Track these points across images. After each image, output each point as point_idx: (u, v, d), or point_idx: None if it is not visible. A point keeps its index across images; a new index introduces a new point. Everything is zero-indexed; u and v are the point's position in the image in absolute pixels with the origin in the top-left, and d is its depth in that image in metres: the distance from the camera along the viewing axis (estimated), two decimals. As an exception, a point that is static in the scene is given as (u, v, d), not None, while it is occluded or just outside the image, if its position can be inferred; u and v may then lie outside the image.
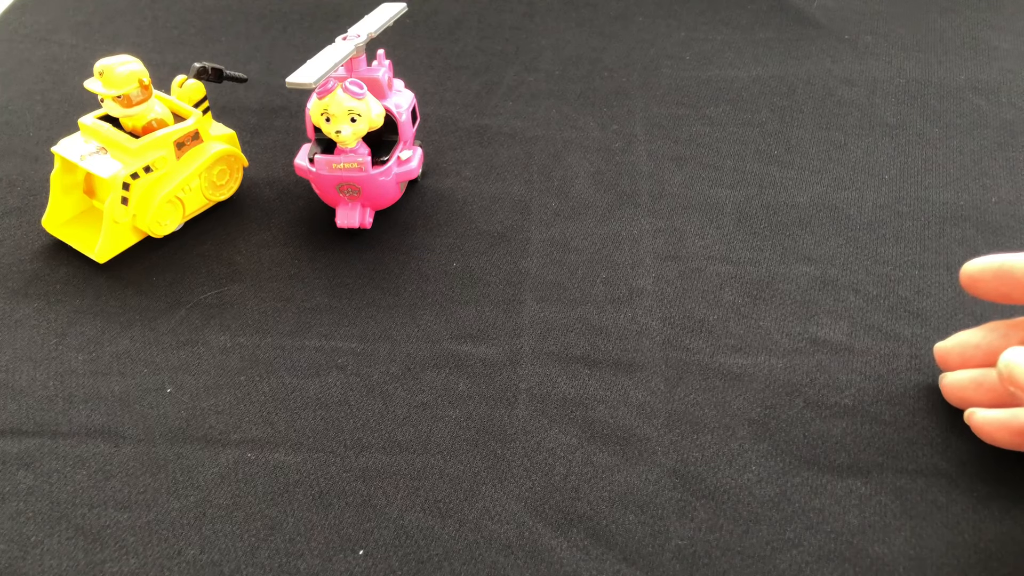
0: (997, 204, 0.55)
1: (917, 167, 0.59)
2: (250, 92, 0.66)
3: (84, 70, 0.51)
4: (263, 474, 0.41)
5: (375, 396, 0.45)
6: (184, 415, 0.44)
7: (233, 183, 0.56)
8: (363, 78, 0.51)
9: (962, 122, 0.62)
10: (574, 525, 0.39)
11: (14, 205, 0.56)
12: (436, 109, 0.64)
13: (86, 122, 0.52)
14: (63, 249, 0.53)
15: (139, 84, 0.50)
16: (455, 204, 0.56)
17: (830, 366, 0.45)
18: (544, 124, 0.63)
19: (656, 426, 0.43)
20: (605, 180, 0.58)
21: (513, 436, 0.43)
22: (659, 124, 0.63)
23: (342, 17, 0.56)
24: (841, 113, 0.64)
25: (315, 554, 0.38)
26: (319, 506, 0.40)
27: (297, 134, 0.62)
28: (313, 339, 0.48)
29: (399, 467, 0.41)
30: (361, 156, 0.51)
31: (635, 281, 0.51)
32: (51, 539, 0.39)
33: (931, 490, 0.40)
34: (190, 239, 0.54)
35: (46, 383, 0.45)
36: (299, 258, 0.53)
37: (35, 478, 0.41)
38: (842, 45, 0.71)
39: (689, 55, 0.70)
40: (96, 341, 0.48)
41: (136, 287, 0.51)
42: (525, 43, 0.72)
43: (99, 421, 0.44)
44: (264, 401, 0.44)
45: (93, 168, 0.50)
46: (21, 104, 0.66)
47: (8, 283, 0.51)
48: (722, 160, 0.60)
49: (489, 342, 0.47)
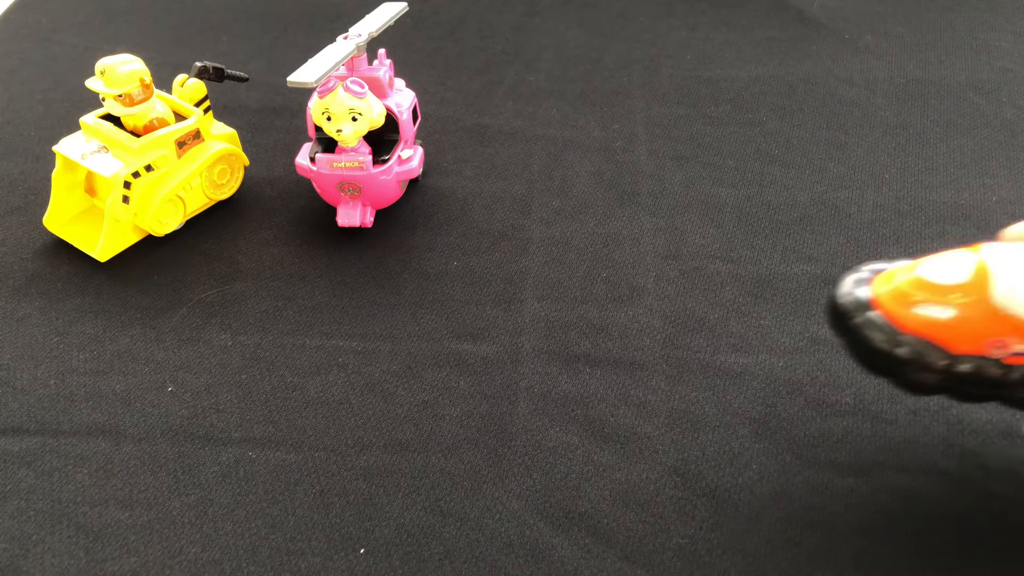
0: (998, 203, 0.56)
1: (918, 166, 0.59)
2: (251, 91, 0.66)
3: (85, 69, 0.51)
4: (264, 472, 0.41)
5: (376, 395, 0.45)
6: (185, 413, 0.44)
7: (234, 182, 0.56)
8: (364, 77, 0.51)
9: (962, 121, 0.62)
10: (575, 523, 0.39)
11: (16, 204, 0.56)
12: (437, 108, 0.64)
13: (87, 121, 0.52)
14: (64, 248, 0.53)
15: (140, 83, 0.50)
16: (456, 203, 0.56)
17: (831, 365, 0.45)
18: (545, 123, 0.63)
19: (657, 425, 0.43)
20: (606, 179, 0.58)
21: (514, 435, 0.43)
22: (660, 123, 0.63)
23: (343, 17, 0.56)
24: (842, 112, 0.64)
25: (316, 552, 0.38)
26: (320, 504, 0.40)
27: (298, 133, 0.62)
28: (314, 338, 0.48)
29: (400, 466, 0.41)
30: (362, 155, 0.51)
31: (636, 280, 0.51)
32: (52, 537, 0.39)
33: (931, 489, 0.40)
34: (191, 238, 0.54)
35: (47, 381, 0.45)
36: (300, 257, 0.53)
37: (36, 476, 0.41)
38: (843, 45, 0.71)
39: (690, 55, 0.70)
40: (97, 339, 0.48)
41: (137, 286, 0.51)
42: (526, 43, 0.72)
43: (100, 419, 0.44)
44: (265, 400, 0.44)
45: (94, 167, 0.50)
46: (22, 103, 0.66)
47: (9, 281, 0.51)
48: (723, 159, 0.60)
49: (490, 341, 0.47)
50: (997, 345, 0.33)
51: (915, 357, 0.34)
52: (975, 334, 0.33)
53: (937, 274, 0.34)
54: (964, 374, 0.34)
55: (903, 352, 0.34)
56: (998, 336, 0.32)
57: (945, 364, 0.34)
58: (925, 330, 0.34)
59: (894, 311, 0.34)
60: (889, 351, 0.34)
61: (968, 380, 0.34)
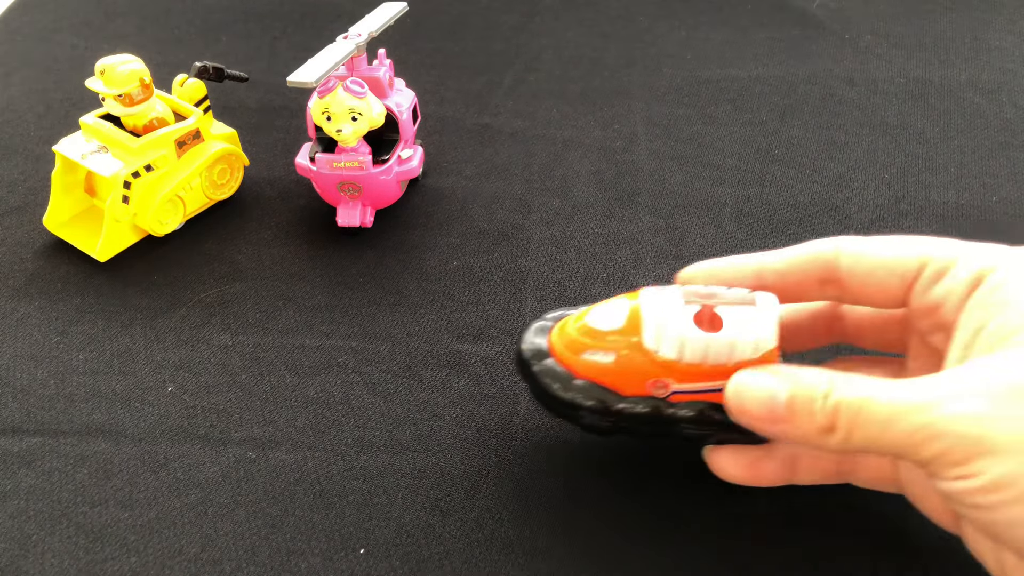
0: (998, 203, 0.55)
1: (918, 166, 0.59)
2: (251, 91, 0.66)
3: (85, 69, 0.51)
4: (264, 473, 0.41)
5: (376, 395, 0.45)
6: (185, 414, 0.44)
7: (234, 182, 0.56)
8: (364, 77, 0.51)
9: (963, 122, 0.62)
10: (575, 525, 0.39)
11: (15, 204, 0.56)
12: (437, 108, 0.64)
13: (87, 121, 0.52)
14: (64, 248, 0.53)
15: (140, 83, 0.50)
16: (456, 203, 0.56)
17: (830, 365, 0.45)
18: (545, 123, 0.63)
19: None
20: (606, 179, 0.58)
21: (514, 435, 0.43)
22: (660, 123, 0.63)
23: (343, 16, 0.56)
24: (842, 112, 0.64)
25: (316, 553, 0.38)
26: (320, 505, 0.40)
27: (298, 133, 0.62)
28: (314, 338, 0.48)
29: (400, 466, 0.41)
30: (362, 155, 0.51)
31: (636, 280, 0.51)
32: (52, 537, 0.39)
33: (932, 489, 0.40)
34: (191, 238, 0.54)
35: (47, 382, 0.45)
36: (300, 257, 0.53)
37: (36, 477, 0.41)
38: (843, 44, 0.71)
39: (690, 54, 0.70)
40: (97, 340, 0.48)
41: (137, 286, 0.51)
42: (526, 42, 0.72)
43: (100, 420, 0.44)
44: (265, 400, 0.44)
45: (94, 167, 0.50)
46: (22, 103, 0.66)
47: (9, 282, 0.51)
48: (723, 159, 0.60)
49: (490, 341, 0.47)
50: (658, 385, 0.35)
51: (590, 401, 0.36)
52: (637, 377, 0.35)
53: (600, 321, 0.35)
54: (638, 415, 0.35)
55: (577, 397, 0.36)
56: (656, 377, 0.34)
57: (620, 407, 0.35)
58: (595, 375, 0.35)
59: (567, 358, 0.36)
60: (564, 396, 0.36)
61: (643, 420, 0.36)
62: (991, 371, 0.28)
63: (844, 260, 0.35)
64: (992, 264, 0.32)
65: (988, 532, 0.30)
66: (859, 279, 0.35)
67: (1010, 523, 0.28)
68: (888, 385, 0.30)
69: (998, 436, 0.27)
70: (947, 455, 0.28)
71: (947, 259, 0.33)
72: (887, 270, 0.34)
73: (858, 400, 0.30)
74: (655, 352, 0.34)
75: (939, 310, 0.33)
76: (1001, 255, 0.32)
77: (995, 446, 0.27)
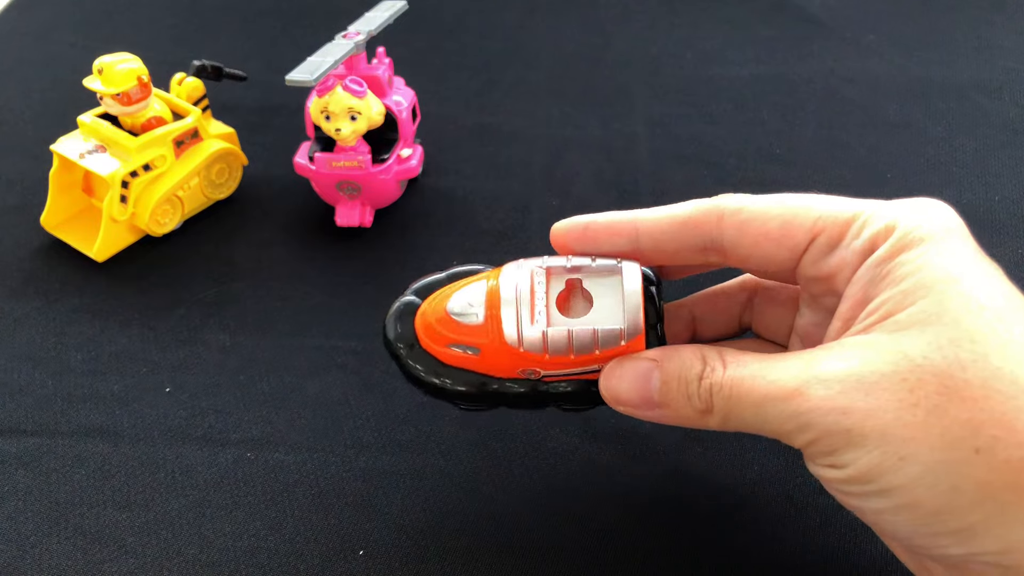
0: (1000, 202, 0.55)
1: (920, 165, 0.58)
2: (249, 90, 0.65)
3: (83, 68, 0.51)
4: (263, 474, 0.41)
5: (375, 395, 0.44)
6: (183, 414, 0.44)
7: (232, 181, 0.56)
8: (363, 76, 0.51)
9: (965, 121, 0.62)
10: (575, 525, 0.39)
11: (13, 203, 0.56)
12: (436, 107, 0.64)
13: (85, 120, 0.52)
14: (62, 248, 0.53)
15: (138, 82, 0.50)
16: (455, 202, 0.56)
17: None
18: (545, 122, 0.63)
19: (658, 426, 0.42)
20: (606, 178, 0.58)
21: (514, 436, 0.42)
22: (660, 122, 0.63)
23: (342, 15, 0.56)
24: (843, 112, 0.63)
25: (315, 554, 0.38)
26: (319, 506, 0.40)
27: (297, 132, 0.61)
28: (313, 338, 0.47)
29: (399, 467, 0.41)
30: (361, 154, 0.51)
31: (636, 280, 0.50)
32: (50, 539, 0.39)
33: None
34: (189, 238, 0.54)
35: (45, 382, 0.45)
36: (299, 257, 0.52)
37: (34, 477, 0.41)
38: (844, 43, 0.71)
39: (691, 53, 0.70)
40: (95, 340, 0.47)
41: (135, 286, 0.51)
42: (526, 41, 0.72)
43: (98, 420, 0.43)
44: (264, 400, 0.44)
45: (92, 166, 0.50)
46: (20, 102, 0.65)
47: (6, 282, 0.51)
48: (724, 159, 0.59)
49: (490, 341, 0.47)
50: (527, 374, 0.34)
51: (461, 386, 0.35)
52: (507, 366, 0.34)
53: (461, 310, 0.34)
54: (514, 394, 0.35)
55: (447, 383, 0.35)
56: (524, 367, 0.34)
57: (494, 388, 0.35)
58: (465, 364, 0.35)
59: (433, 348, 0.35)
60: (435, 383, 0.35)
61: (520, 398, 0.35)
62: (864, 352, 0.27)
63: (728, 230, 0.32)
64: (887, 229, 0.29)
65: (864, 520, 0.29)
66: (744, 250, 0.32)
67: (877, 512, 0.28)
68: (761, 366, 0.29)
69: (865, 427, 0.26)
70: (816, 444, 0.28)
71: (840, 225, 0.30)
72: (775, 243, 0.31)
73: (730, 381, 0.29)
74: (518, 347, 0.33)
75: (831, 280, 0.31)
76: (901, 216, 0.29)
77: (863, 438, 0.26)
